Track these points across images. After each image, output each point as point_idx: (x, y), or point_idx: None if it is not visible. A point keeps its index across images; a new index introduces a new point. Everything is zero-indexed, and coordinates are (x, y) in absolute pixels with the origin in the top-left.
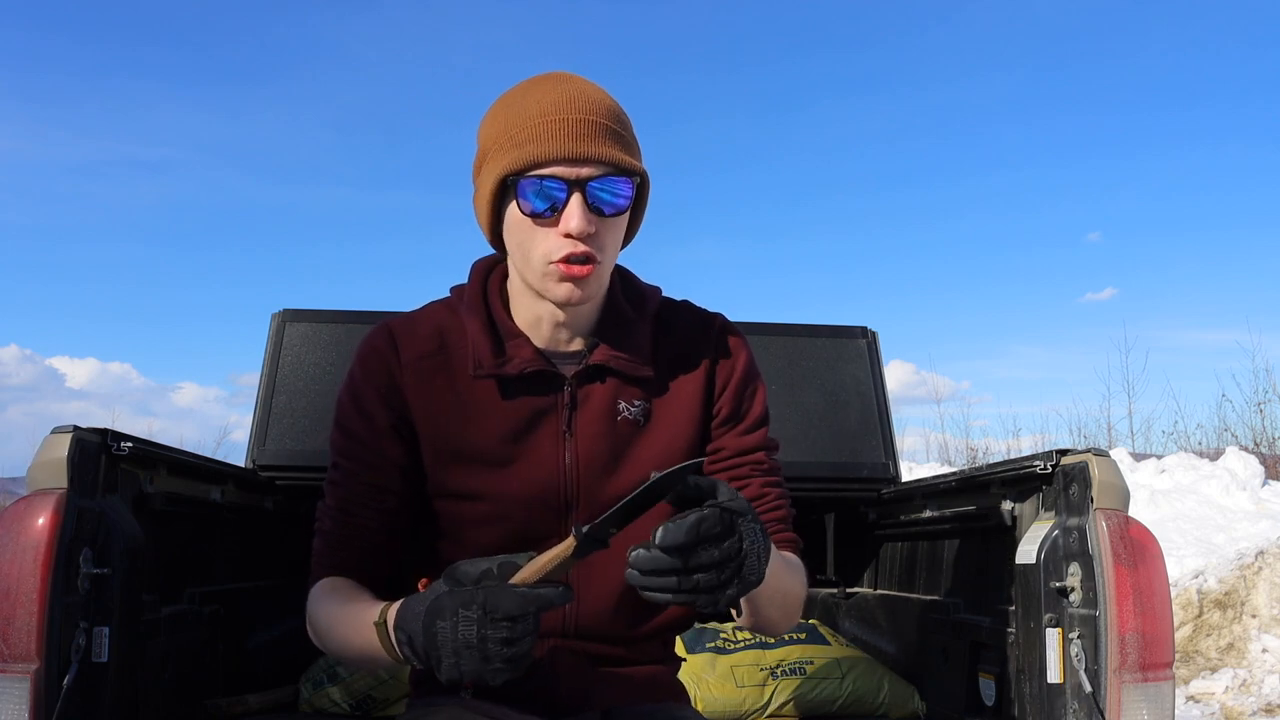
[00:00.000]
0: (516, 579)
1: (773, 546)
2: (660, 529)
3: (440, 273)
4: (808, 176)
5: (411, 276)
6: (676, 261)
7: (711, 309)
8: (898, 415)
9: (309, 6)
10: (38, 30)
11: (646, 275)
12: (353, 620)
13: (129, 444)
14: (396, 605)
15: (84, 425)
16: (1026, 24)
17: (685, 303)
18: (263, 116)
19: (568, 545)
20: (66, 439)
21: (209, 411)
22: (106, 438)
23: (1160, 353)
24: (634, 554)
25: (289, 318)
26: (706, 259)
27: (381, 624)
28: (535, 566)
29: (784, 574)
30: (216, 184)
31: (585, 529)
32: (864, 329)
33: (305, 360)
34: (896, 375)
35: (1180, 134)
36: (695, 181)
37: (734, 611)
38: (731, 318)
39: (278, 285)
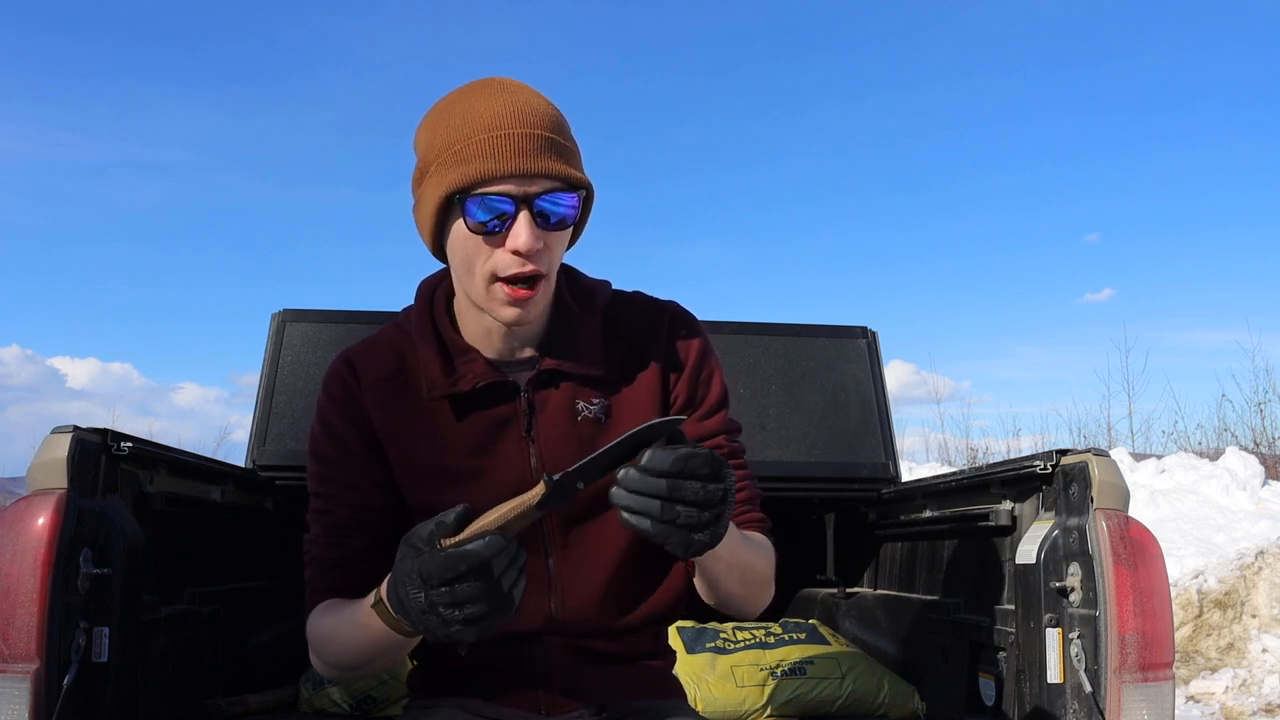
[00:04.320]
0: (474, 526)
1: (730, 522)
2: (649, 451)
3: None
4: (807, 176)
5: (412, 277)
6: (676, 261)
7: (712, 309)
8: (898, 415)
9: (314, 9)
10: (45, 33)
11: (647, 275)
12: (352, 616)
13: (129, 444)
14: (386, 580)
15: (84, 425)
16: (1026, 26)
17: (637, 294)
18: (267, 118)
19: (535, 493)
20: (66, 439)
21: (209, 411)
22: (106, 438)
23: (1160, 353)
24: (623, 473)
25: (289, 318)
26: (706, 259)
27: (379, 602)
28: (497, 513)
29: (743, 548)
30: (220, 185)
31: (555, 477)
32: (864, 329)
33: (305, 360)
34: (896, 375)
35: (1179, 134)
36: (695, 181)
37: (694, 579)
38: (732, 318)
39: (278, 285)
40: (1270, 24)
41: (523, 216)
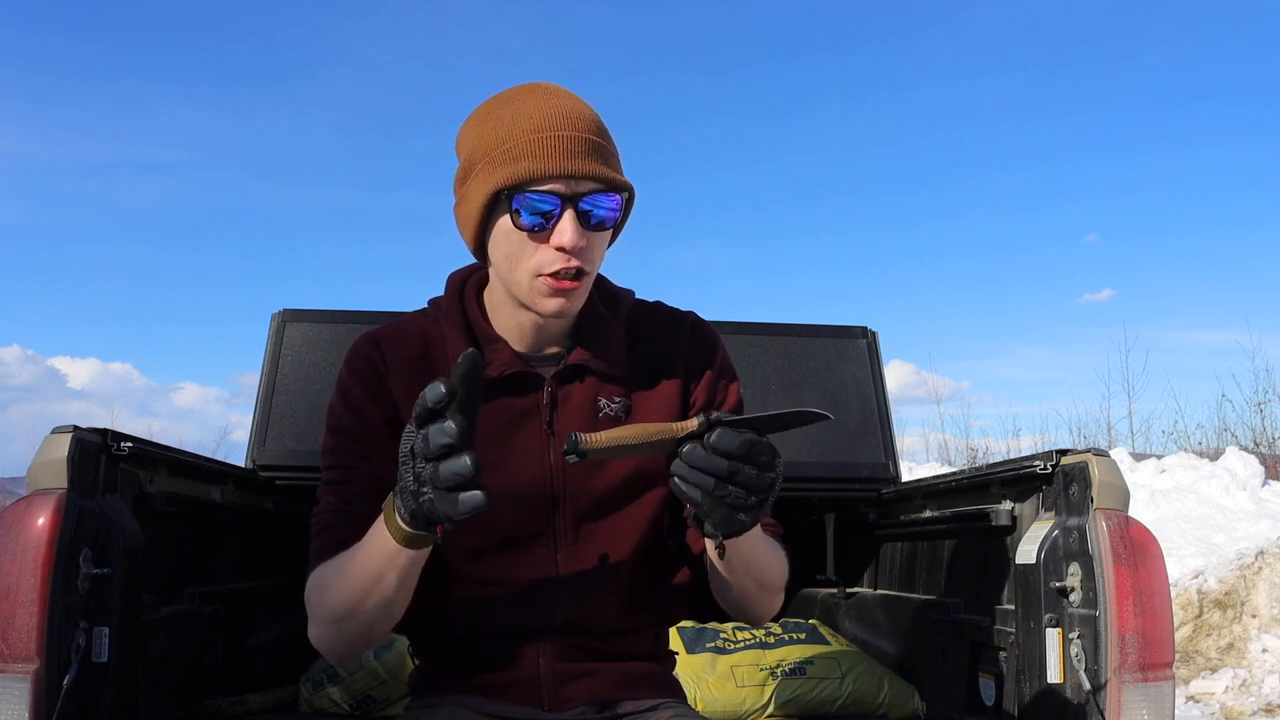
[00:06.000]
0: (613, 433)
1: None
2: (719, 432)
3: (441, 273)
4: (807, 176)
5: (412, 277)
6: (676, 261)
7: (712, 309)
8: (898, 415)
9: (314, 9)
10: (45, 33)
11: (648, 275)
12: (360, 547)
13: (129, 444)
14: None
15: (84, 425)
16: (1026, 26)
17: (658, 303)
18: (267, 118)
19: (686, 425)
20: (66, 439)
21: (209, 411)
22: (106, 438)
23: (1160, 353)
24: (688, 448)
25: (289, 318)
26: (706, 259)
27: (389, 502)
28: (641, 428)
29: (764, 546)
30: (220, 185)
31: (713, 417)
32: (864, 329)
33: (305, 360)
34: (896, 375)
35: (1179, 134)
36: (695, 181)
37: (716, 557)
38: (732, 318)
39: (278, 285)
40: (1270, 24)
41: (568, 215)
